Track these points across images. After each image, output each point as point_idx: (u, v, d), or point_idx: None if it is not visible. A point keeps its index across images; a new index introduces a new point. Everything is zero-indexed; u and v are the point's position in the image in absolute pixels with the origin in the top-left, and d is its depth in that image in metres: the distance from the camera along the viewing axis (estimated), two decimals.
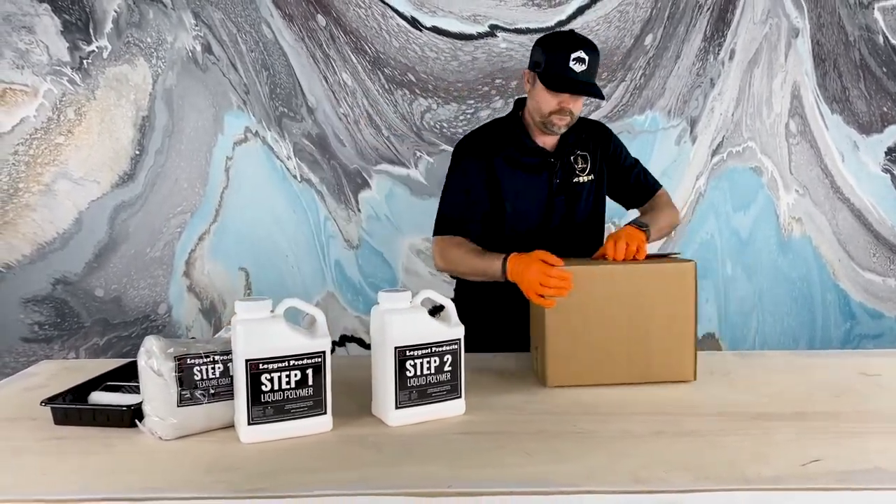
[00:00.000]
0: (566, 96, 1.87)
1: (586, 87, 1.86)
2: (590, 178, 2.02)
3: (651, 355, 1.66)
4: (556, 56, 1.84)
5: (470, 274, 1.91)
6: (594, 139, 2.06)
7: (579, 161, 2.01)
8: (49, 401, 1.45)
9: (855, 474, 1.19)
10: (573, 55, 1.82)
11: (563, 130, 1.94)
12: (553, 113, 1.89)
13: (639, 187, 2.11)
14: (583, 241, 1.99)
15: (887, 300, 3.11)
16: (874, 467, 1.21)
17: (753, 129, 3.01)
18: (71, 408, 1.44)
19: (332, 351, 2.94)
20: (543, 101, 1.89)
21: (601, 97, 1.91)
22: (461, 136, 2.11)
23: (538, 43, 1.93)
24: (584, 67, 1.83)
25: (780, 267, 3.07)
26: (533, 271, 1.64)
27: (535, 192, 1.98)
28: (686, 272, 1.67)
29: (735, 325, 3.09)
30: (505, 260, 1.75)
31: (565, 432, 1.38)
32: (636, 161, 2.14)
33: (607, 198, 2.12)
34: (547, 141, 1.99)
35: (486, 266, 1.80)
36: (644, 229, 1.83)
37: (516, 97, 2.12)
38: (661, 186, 2.14)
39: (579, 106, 1.92)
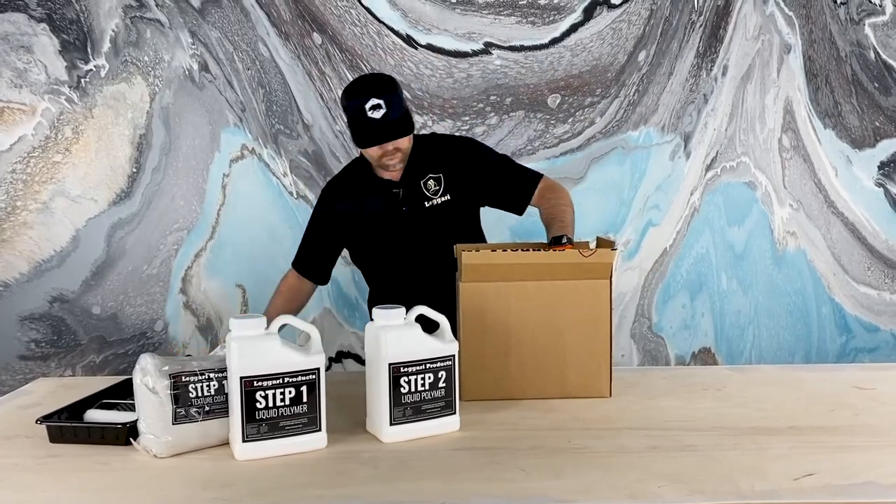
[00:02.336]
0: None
1: (390, 132, 1.88)
2: (444, 198, 2.03)
3: (566, 371, 1.68)
4: (354, 112, 1.87)
5: None
6: (450, 157, 2.06)
7: (429, 183, 2.03)
8: (44, 419, 1.45)
9: (849, 488, 1.19)
10: (367, 105, 1.84)
11: (400, 166, 1.98)
12: (382, 157, 1.93)
13: (517, 186, 2.06)
14: (453, 263, 1.88)
15: (882, 314, 3.12)
16: (868, 481, 1.21)
17: (747, 144, 3.03)
18: (66, 426, 1.44)
19: (329, 367, 2.93)
20: (367, 153, 1.95)
21: (408, 133, 1.92)
22: None
23: (341, 101, 1.96)
24: (383, 111, 1.85)
25: (776, 281, 3.08)
26: None
27: (385, 225, 2.02)
28: (601, 289, 1.68)
29: (731, 339, 3.09)
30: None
31: (561, 448, 1.38)
32: (507, 160, 2.11)
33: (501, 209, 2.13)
34: (394, 175, 2.03)
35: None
36: (567, 243, 1.79)
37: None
38: (541, 176, 2.09)
39: (404, 141, 1.93)
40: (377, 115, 1.85)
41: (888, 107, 3.06)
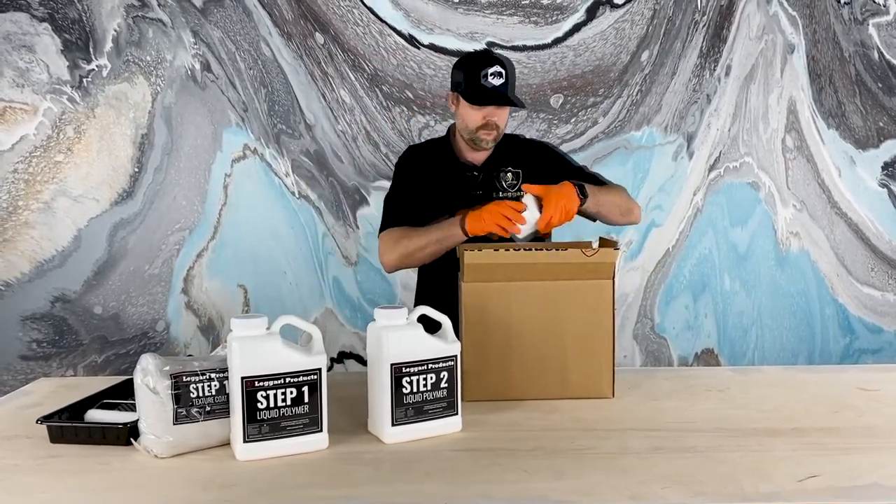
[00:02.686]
0: (490, 109, 1.95)
1: (505, 98, 1.95)
2: (520, 194, 2.02)
3: (568, 371, 1.67)
4: (475, 73, 1.94)
5: (427, 246, 1.93)
6: (531, 156, 2.10)
7: (508, 176, 2.06)
8: (45, 419, 1.44)
9: (853, 490, 1.18)
10: (490, 70, 1.92)
11: (491, 145, 2.02)
12: (479, 128, 1.97)
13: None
14: None
15: (886, 315, 3.11)
16: (872, 483, 1.21)
17: (750, 144, 3.02)
18: (67, 426, 1.43)
19: (330, 368, 2.92)
20: (469, 117, 1.98)
21: (522, 107, 2.00)
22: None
23: (457, 64, 2.02)
24: (501, 81, 1.93)
25: (779, 282, 3.07)
26: (492, 207, 1.80)
27: (455, 205, 2.00)
28: (603, 289, 1.67)
29: (734, 340, 3.09)
30: (463, 218, 1.85)
31: (563, 449, 1.38)
32: (584, 169, 2.14)
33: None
34: (476, 157, 2.06)
35: (444, 230, 1.89)
36: (581, 197, 1.85)
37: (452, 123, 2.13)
38: (620, 187, 2.11)
39: (504, 119, 2.00)
40: (496, 81, 1.93)
41: (892, 107, 3.05)
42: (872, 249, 3.09)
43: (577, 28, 2.93)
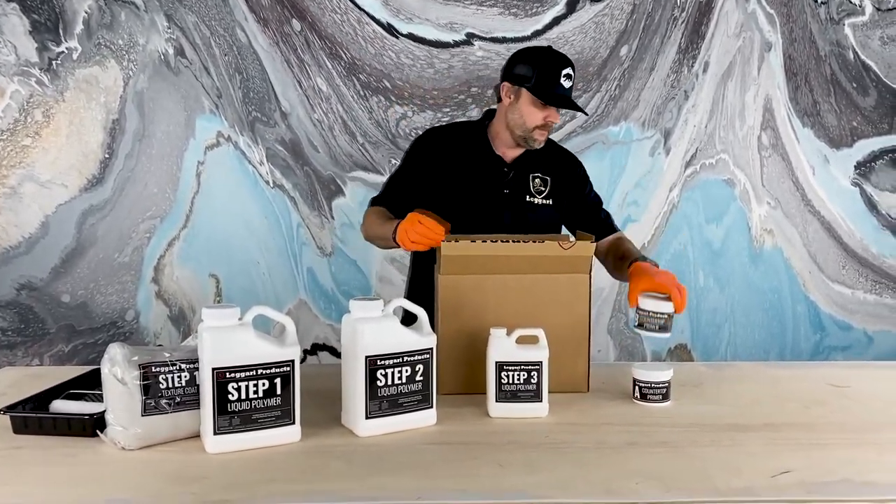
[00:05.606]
0: (552, 111, 1.90)
1: (574, 103, 1.92)
2: (547, 201, 2.00)
3: None
4: (548, 71, 1.87)
5: (377, 238, 1.91)
6: (561, 166, 2.05)
7: (536, 181, 2.00)
8: (8, 409, 1.41)
9: (824, 485, 1.19)
10: (563, 71, 1.87)
11: (542, 145, 1.96)
12: (537, 127, 1.91)
13: (602, 226, 2.06)
14: None
15: (856, 312, 3.15)
16: (843, 479, 1.22)
17: (726, 141, 3.04)
18: (31, 416, 1.40)
19: (304, 360, 2.90)
20: (530, 115, 1.90)
21: (585, 113, 1.99)
22: None
23: (523, 58, 1.95)
24: (570, 83, 1.90)
25: (752, 278, 3.10)
26: (405, 223, 1.67)
27: (481, 199, 1.96)
28: (580, 283, 1.67)
29: (707, 335, 3.11)
30: (397, 225, 1.72)
31: (538, 443, 1.37)
32: (601, 200, 2.11)
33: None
34: (508, 153, 1.99)
35: (385, 230, 1.80)
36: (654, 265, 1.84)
37: (486, 108, 2.10)
38: (618, 229, 2.11)
39: (558, 121, 1.97)
40: (567, 84, 1.89)
41: (865, 107, 3.08)
42: (844, 247, 3.12)
43: (556, 21, 2.92)
